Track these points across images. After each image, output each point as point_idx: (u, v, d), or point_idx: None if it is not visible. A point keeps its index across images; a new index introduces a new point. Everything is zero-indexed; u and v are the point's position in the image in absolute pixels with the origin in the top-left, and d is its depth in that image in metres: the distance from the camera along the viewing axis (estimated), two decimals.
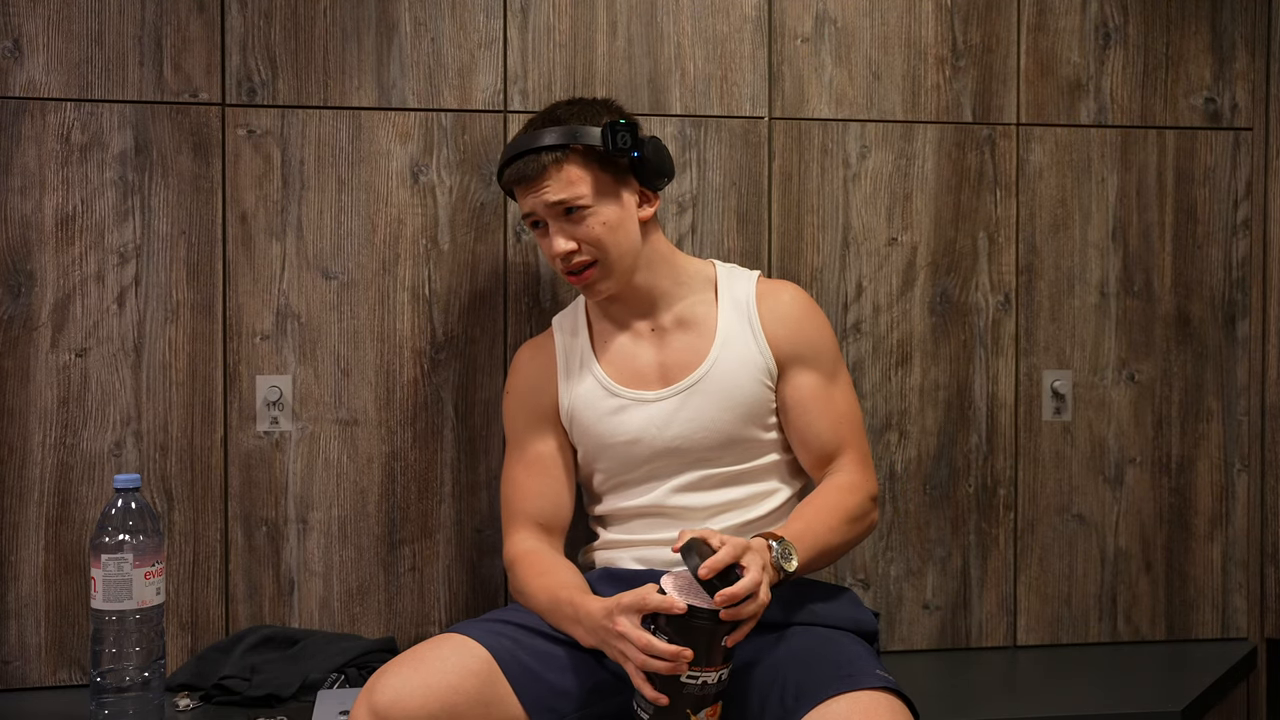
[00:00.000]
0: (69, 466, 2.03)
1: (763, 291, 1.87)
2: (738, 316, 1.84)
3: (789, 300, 1.87)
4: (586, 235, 1.78)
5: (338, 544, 2.11)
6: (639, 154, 1.78)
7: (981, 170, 2.26)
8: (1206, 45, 2.32)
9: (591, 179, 1.78)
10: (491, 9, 2.13)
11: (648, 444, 1.81)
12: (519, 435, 1.90)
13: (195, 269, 2.07)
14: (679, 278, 1.87)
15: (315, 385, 2.10)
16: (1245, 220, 2.34)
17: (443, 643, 1.62)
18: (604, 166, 1.79)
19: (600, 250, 1.79)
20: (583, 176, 1.78)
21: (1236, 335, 2.34)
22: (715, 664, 1.50)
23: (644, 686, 1.51)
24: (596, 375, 1.86)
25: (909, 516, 2.25)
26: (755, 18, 2.19)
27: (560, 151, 1.77)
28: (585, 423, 1.85)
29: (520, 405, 1.91)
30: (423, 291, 2.12)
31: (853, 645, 1.68)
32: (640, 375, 1.84)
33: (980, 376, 2.26)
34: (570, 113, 1.81)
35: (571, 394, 1.87)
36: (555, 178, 1.77)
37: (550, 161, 1.77)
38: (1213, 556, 2.34)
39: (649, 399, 1.82)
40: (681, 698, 1.49)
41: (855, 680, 1.53)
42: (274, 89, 2.08)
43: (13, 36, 2.01)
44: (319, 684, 1.95)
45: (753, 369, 1.82)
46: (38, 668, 2.03)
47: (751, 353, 1.82)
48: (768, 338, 1.83)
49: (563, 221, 1.79)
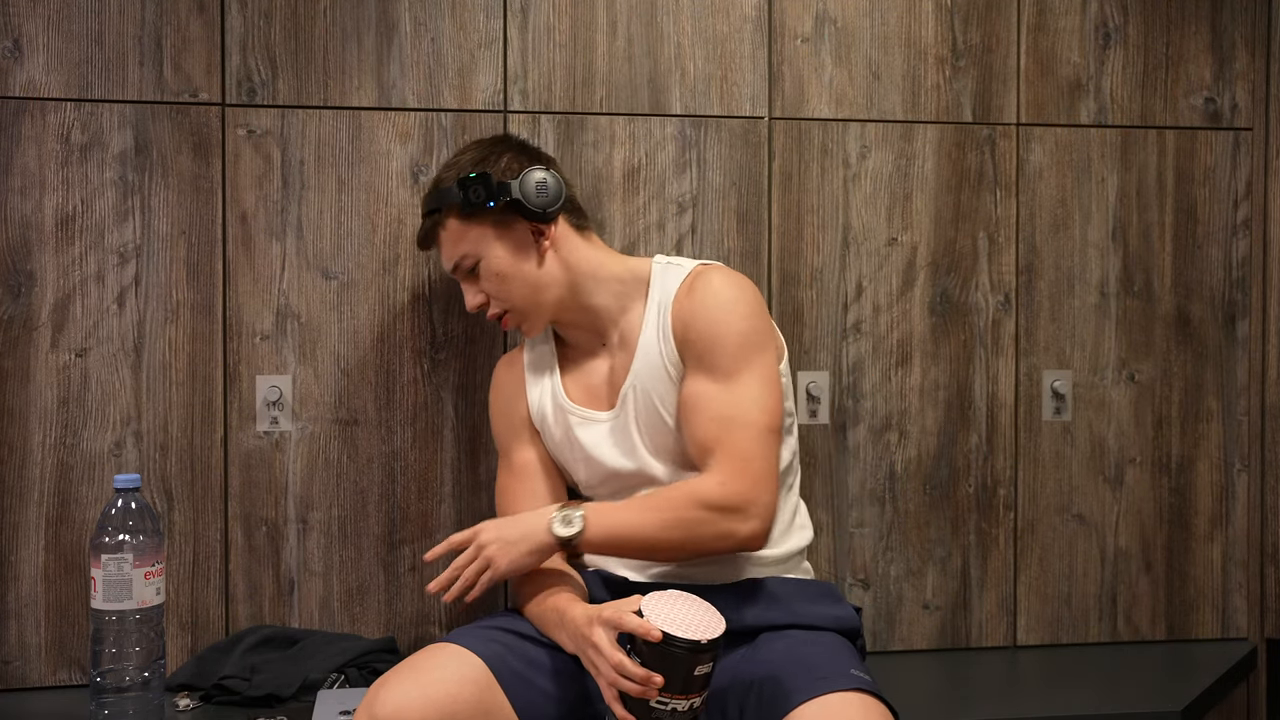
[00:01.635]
0: (69, 466, 2.03)
1: (685, 287, 1.76)
2: (657, 323, 1.77)
3: (699, 293, 1.74)
4: (487, 288, 1.83)
5: (338, 544, 2.11)
6: (493, 204, 1.77)
7: (981, 170, 2.26)
8: (1206, 45, 2.32)
9: (473, 233, 1.81)
10: (491, 9, 2.13)
11: (600, 463, 1.81)
12: (503, 445, 1.92)
13: (195, 269, 2.07)
14: (616, 289, 1.82)
15: (315, 385, 2.10)
16: (1245, 220, 2.34)
17: (438, 652, 1.62)
18: (478, 219, 1.80)
19: (508, 299, 1.82)
20: (464, 233, 1.81)
21: (1236, 335, 2.34)
22: (690, 693, 1.46)
23: (614, 704, 1.49)
24: (556, 391, 1.87)
25: (909, 516, 2.25)
26: (755, 18, 2.19)
27: (437, 214, 1.83)
28: (549, 438, 1.88)
29: (500, 417, 1.94)
30: (423, 291, 2.12)
31: (828, 646, 1.65)
32: (594, 393, 1.85)
33: (980, 376, 2.26)
34: (447, 172, 1.84)
35: (538, 407, 1.89)
36: (445, 240, 1.84)
37: (432, 225, 1.85)
38: (1213, 556, 2.34)
39: (600, 419, 1.82)
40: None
41: (828, 682, 1.51)
42: (274, 89, 2.08)
43: (13, 36, 2.01)
44: (319, 684, 1.95)
45: (668, 380, 1.76)
46: (38, 668, 2.03)
47: (663, 362, 1.76)
48: (674, 336, 1.75)
49: (467, 278, 1.84)
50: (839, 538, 2.22)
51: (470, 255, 1.81)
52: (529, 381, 1.91)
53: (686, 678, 1.45)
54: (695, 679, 1.46)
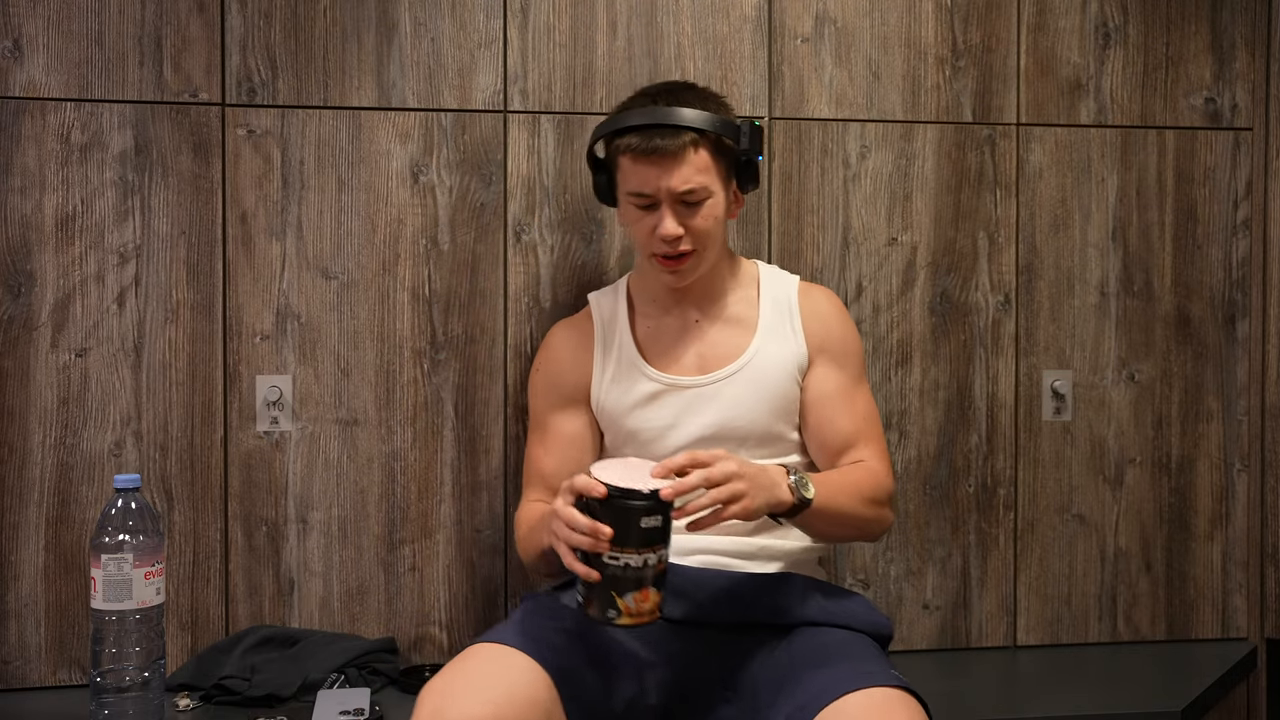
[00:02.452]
0: (69, 466, 2.03)
1: (804, 291, 1.90)
2: (778, 313, 1.86)
3: (828, 300, 1.91)
4: (698, 226, 1.77)
5: (338, 544, 2.11)
6: (761, 158, 1.81)
7: (981, 170, 2.26)
8: (1206, 45, 2.32)
9: (715, 170, 1.78)
10: (491, 9, 2.13)
11: (681, 430, 1.80)
12: (543, 413, 1.90)
13: (195, 269, 2.07)
14: (733, 273, 1.90)
15: (315, 385, 2.10)
16: (1245, 220, 2.34)
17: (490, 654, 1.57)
18: (726, 162, 1.79)
19: (702, 242, 1.79)
20: (710, 166, 1.77)
21: (1236, 335, 2.34)
22: (640, 547, 1.50)
23: (573, 564, 1.51)
24: (634, 359, 1.86)
25: (909, 516, 2.25)
26: (755, 18, 2.19)
27: (700, 135, 1.75)
28: (617, 407, 1.84)
29: (549, 383, 1.91)
30: (423, 291, 2.12)
31: (867, 647, 1.69)
32: (679, 362, 1.85)
33: (980, 376, 2.26)
34: (702, 99, 1.80)
35: (605, 376, 1.87)
36: (691, 162, 1.75)
37: (689, 143, 1.75)
38: (1213, 556, 2.34)
39: (685, 384, 1.82)
40: (605, 579, 1.50)
41: (872, 677, 1.53)
42: (274, 89, 2.08)
43: (13, 36, 2.01)
44: (319, 684, 1.95)
45: (790, 365, 1.84)
46: (38, 668, 2.03)
47: (789, 348, 1.84)
48: (805, 335, 1.86)
49: (679, 207, 1.77)
50: None
51: (706, 189, 1.77)
52: (598, 350, 1.89)
53: (633, 530, 1.50)
54: (642, 531, 1.50)
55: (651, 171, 1.74)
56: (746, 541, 1.81)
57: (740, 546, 1.80)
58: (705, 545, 1.79)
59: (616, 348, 1.88)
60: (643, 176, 1.75)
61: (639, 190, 1.76)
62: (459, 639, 2.13)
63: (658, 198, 1.75)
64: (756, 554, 1.80)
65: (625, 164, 1.77)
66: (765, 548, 1.81)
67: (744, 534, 1.81)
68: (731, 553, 1.79)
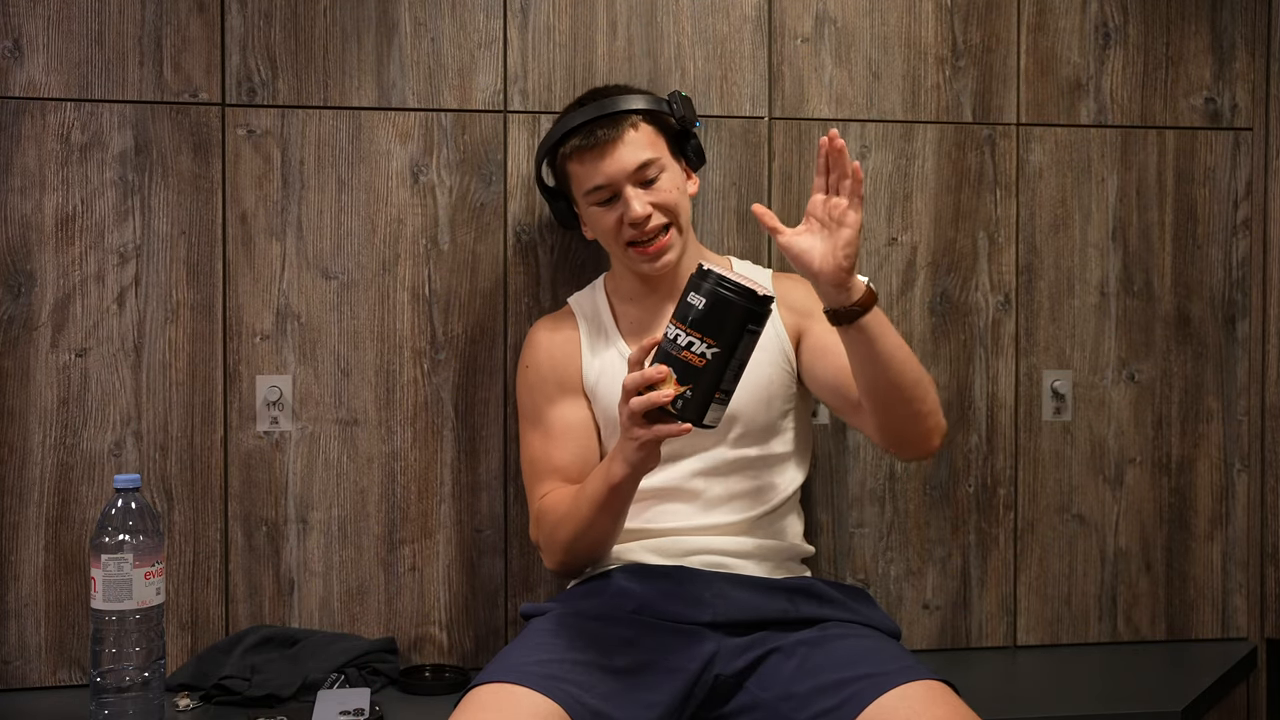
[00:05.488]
0: (69, 466, 2.03)
1: (777, 280, 1.94)
2: None
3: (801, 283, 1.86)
4: (664, 199, 1.81)
5: (337, 544, 2.11)
6: (699, 125, 1.88)
7: (981, 170, 2.26)
8: (1206, 45, 2.32)
9: (660, 144, 1.84)
10: (491, 9, 2.13)
11: None
12: (542, 408, 1.89)
13: (195, 269, 2.07)
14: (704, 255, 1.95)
15: (315, 385, 2.10)
16: (1245, 220, 2.34)
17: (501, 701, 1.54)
18: (668, 136, 1.86)
19: (673, 214, 1.82)
20: (656, 139, 1.84)
21: (1236, 335, 2.34)
22: (706, 334, 1.47)
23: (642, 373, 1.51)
24: (621, 350, 1.87)
25: (909, 516, 2.25)
26: (755, 18, 2.19)
27: (635, 115, 1.82)
28: (609, 397, 1.84)
29: (542, 378, 1.91)
30: (423, 291, 2.12)
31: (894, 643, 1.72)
32: None
33: (980, 376, 2.26)
34: (624, 89, 1.89)
35: (597, 367, 1.88)
36: (635, 140, 1.81)
37: (629, 124, 1.81)
38: (1213, 556, 2.34)
39: None
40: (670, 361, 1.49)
41: (915, 670, 1.57)
42: (274, 89, 2.08)
43: (13, 36, 2.01)
44: (319, 684, 1.95)
45: (775, 353, 1.85)
46: (38, 668, 2.03)
47: (771, 336, 1.83)
48: (784, 322, 1.87)
49: (639, 189, 1.80)
50: (839, 538, 2.22)
51: (659, 163, 1.82)
52: (585, 342, 1.91)
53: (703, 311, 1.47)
54: (723, 322, 1.47)
55: (602, 161, 1.79)
56: (747, 541, 1.81)
57: (740, 546, 1.80)
58: (705, 545, 1.79)
59: (604, 341, 1.89)
60: (596, 169, 1.80)
61: (596, 184, 1.81)
62: (459, 639, 2.13)
63: (617, 185, 1.80)
64: (756, 553, 1.80)
65: (576, 168, 1.83)
66: (764, 547, 1.81)
67: (743, 534, 1.81)
68: (732, 552, 1.79)
